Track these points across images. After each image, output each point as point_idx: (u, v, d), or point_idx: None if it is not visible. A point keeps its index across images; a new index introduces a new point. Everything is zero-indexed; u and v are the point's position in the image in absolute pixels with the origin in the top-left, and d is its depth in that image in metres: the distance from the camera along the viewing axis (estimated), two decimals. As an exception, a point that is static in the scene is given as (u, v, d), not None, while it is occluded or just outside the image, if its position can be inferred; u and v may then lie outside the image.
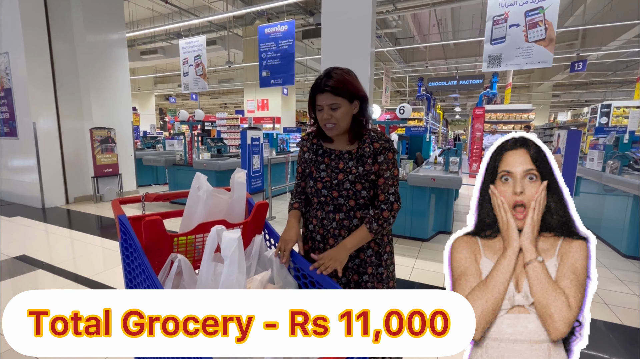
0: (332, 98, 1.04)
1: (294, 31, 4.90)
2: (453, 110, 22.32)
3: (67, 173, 5.06)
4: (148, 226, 0.97)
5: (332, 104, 1.05)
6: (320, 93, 1.05)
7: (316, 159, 1.15)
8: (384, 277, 1.18)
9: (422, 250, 3.28)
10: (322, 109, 1.07)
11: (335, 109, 1.05)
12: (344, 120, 1.07)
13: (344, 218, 1.11)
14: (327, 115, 1.06)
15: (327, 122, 1.06)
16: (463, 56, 12.08)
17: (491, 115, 9.31)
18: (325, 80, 1.05)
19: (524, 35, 3.58)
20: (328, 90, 1.04)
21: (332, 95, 1.04)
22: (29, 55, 4.50)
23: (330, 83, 1.04)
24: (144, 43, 10.66)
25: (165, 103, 22.05)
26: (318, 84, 1.06)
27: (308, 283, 1.03)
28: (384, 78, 8.60)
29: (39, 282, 2.49)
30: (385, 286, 1.20)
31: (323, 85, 1.04)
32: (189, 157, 4.98)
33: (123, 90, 5.56)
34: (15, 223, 4.03)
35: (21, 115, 4.72)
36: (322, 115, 1.07)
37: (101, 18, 5.15)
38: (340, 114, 1.06)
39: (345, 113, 1.07)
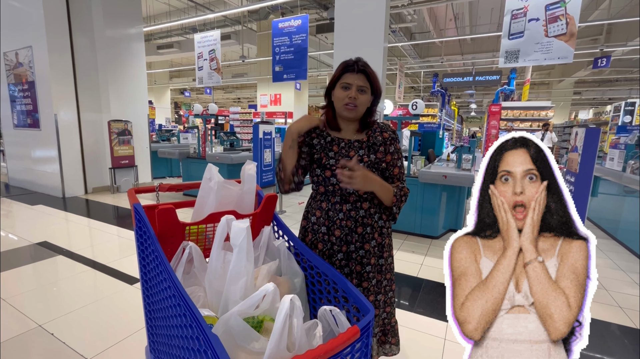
0: (364, 81, 1.07)
1: (307, 26, 4.89)
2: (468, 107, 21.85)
3: (86, 164, 5.24)
4: (161, 214, 1.00)
5: (362, 86, 1.07)
6: (352, 72, 1.07)
7: (325, 145, 1.15)
8: (383, 269, 1.21)
9: (432, 247, 3.26)
10: (349, 88, 1.08)
11: (362, 92, 1.08)
12: (364, 106, 1.11)
13: (351, 208, 1.13)
14: (355, 94, 1.07)
15: (352, 101, 1.07)
16: (480, 52, 11.79)
17: (508, 112, 9.07)
18: (359, 62, 1.08)
19: (544, 29, 3.47)
20: (362, 72, 1.07)
21: (364, 77, 1.08)
22: (51, 50, 4.66)
23: (366, 67, 1.08)
24: (160, 37, 10.83)
25: (180, 97, 22.40)
26: (352, 64, 1.08)
27: (315, 274, 1.05)
28: (398, 74, 8.49)
29: (59, 267, 2.60)
30: (384, 277, 1.22)
31: (359, 65, 1.07)
32: (202, 150, 5.07)
33: (140, 84, 5.69)
34: (37, 211, 4.21)
35: (43, 107, 4.90)
36: (347, 93, 1.07)
37: (120, 13, 5.26)
38: (364, 99, 1.09)
39: (367, 101, 1.11)
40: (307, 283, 1.09)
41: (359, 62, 1.08)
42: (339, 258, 1.15)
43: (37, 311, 1.96)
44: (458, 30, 10.48)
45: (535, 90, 19.33)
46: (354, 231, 1.14)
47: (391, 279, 1.27)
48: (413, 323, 1.96)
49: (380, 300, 1.23)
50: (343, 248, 1.15)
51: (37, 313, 1.94)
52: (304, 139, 1.18)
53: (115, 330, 1.80)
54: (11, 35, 5.07)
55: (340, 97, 1.09)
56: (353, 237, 1.14)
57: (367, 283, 1.17)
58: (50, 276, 2.45)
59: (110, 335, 1.76)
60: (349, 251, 1.15)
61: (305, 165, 1.21)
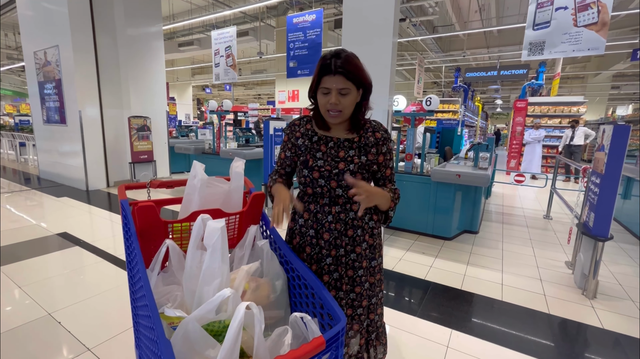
0: (344, 82, 0.95)
1: (321, 20, 4.82)
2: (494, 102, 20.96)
3: (108, 158, 5.45)
4: (141, 212, 1.00)
5: (342, 89, 0.95)
6: (329, 75, 0.95)
7: (311, 146, 1.08)
8: (376, 270, 1.16)
9: (444, 249, 3.14)
10: (328, 93, 0.97)
11: (344, 95, 0.97)
12: (350, 108, 1.01)
13: (341, 211, 1.07)
14: (335, 100, 0.96)
15: (334, 108, 0.98)
16: (507, 44, 11.23)
17: (535, 108, 8.60)
18: (336, 61, 0.94)
19: (573, 19, 3.23)
20: (341, 73, 0.94)
21: (344, 79, 0.94)
22: (76, 48, 4.86)
23: (344, 65, 0.94)
24: (183, 35, 11.09)
25: (202, 94, 22.93)
26: (328, 65, 0.95)
27: (296, 277, 1.01)
28: (417, 69, 8.24)
29: (74, 258, 2.71)
30: (375, 278, 1.17)
31: (335, 66, 0.94)
32: (217, 146, 5.15)
33: (159, 81, 5.84)
34: (62, 202, 4.43)
35: (69, 104, 5.13)
36: (328, 99, 0.97)
37: (140, 12, 5.41)
38: (348, 101, 0.98)
39: (352, 101, 1.00)
40: (289, 286, 1.06)
41: (336, 61, 0.94)
42: (327, 262, 1.10)
43: (49, 300, 2.05)
44: (483, 22, 10.01)
45: (569, 85, 18.24)
46: (344, 234, 1.09)
47: (380, 279, 1.21)
48: (415, 328, 1.88)
49: (374, 303, 1.18)
50: (332, 252, 1.10)
51: (48, 302, 2.02)
52: (289, 139, 1.13)
53: (119, 321, 1.85)
54: (40, 35, 5.34)
55: (322, 103, 1.00)
56: (343, 241, 1.09)
57: (360, 287, 1.12)
58: (65, 266, 2.56)
59: (113, 326, 1.81)
60: (338, 255, 1.10)
61: (292, 171, 1.18)
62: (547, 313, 2.09)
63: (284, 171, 1.16)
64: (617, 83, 16.15)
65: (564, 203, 3.84)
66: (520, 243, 3.37)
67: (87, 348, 1.63)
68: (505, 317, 2.03)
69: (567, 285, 2.49)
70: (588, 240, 2.34)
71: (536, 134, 7.73)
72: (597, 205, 2.24)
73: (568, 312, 2.11)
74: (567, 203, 3.59)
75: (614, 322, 2.01)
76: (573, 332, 1.93)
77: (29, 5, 5.44)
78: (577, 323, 2.00)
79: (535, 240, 3.51)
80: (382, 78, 2.64)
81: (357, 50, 1.06)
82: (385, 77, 2.67)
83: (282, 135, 4.00)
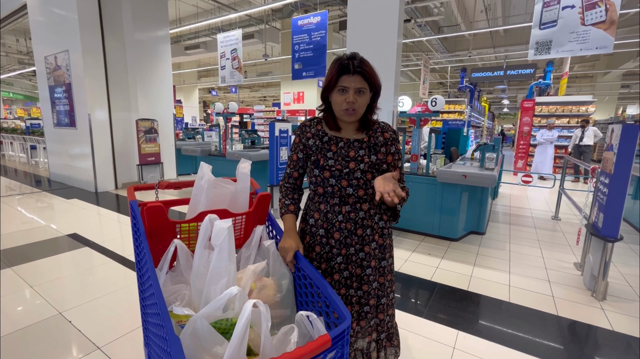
0: (362, 82, 1.00)
1: (326, 22, 4.84)
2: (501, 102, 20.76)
3: (116, 160, 5.53)
4: (150, 212, 1.02)
5: (360, 88, 1.01)
6: (348, 74, 0.99)
7: (322, 146, 1.10)
8: (386, 271, 1.17)
9: (450, 250, 3.12)
10: (346, 91, 1.01)
11: (360, 94, 1.02)
12: (364, 107, 1.05)
13: (351, 210, 1.09)
14: (353, 98, 1.00)
15: (351, 106, 1.01)
16: (513, 44, 11.13)
17: (542, 108, 8.51)
18: (354, 62, 1.00)
19: (580, 17, 3.20)
20: (359, 72, 0.99)
21: (361, 78, 1.00)
22: (85, 53, 4.95)
23: (362, 66, 1.00)
24: (189, 39, 11.21)
25: (208, 96, 23.13)
26: (346, 65, 1.00)
27: (301, 276, 1.02)
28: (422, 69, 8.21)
29: (84, 258, 2.76)
30: (385, 279, 1.17)
31: (354, 66, 0.99)
32: (223, 148, 5.19)
33: (166, 84, 5.91)
34: (71, 204, 4.50)
35: (79, 107, 5.22)
36: (345, 98, 1.01)
37: (148, 16, 5.49)
38: (363, 101, 1.03)
39: (366, 101, 1.05)
40: (295, 285, 1.07)
41: (354, 62, 1.00)
42: (338, 261, 1.12)
43: (59, 299, 2.09)
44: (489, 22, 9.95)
45: (577, 84, 18.00)
46: (354, 233, 1.10)
47: (392, 280, 1.22)
48: (422, 330, 1.87)
49: (384, 304, 1.18)
50: (342, 251, 1.11)
51: (59, 301, 2.06)
52: (300, 140, 1.15)
53: (128, 320, 1.88)
54: (51, 40, 5.45)
55: (338, 101, 1.03)
56: (353, 239, 1.11)
57: (367, 286, 1.13)
58: (75, 266, 2.61)
59: (122, 325, 1.83)
60: (348, 254, 1.11)
61: (304, 172, 1.19)
62: (556, 314, 2.07)
63: (297, 173, 1.18)
64: (627, 82, 15.89)
65: (572, 204, 3.79)
66: (528, 244, 3.33)
67: (97, 347, 1.65)
68: (513, 319, 2.02)
69: (576, 286, 2.46)
70: (597, 241, 2.31)
71: (549, 135, 7.61)
72: (607, 205, 2.21)
73: (577, 314, 2.08)
74: (575, 203, 3.54)
75: (624, 324, 1.98)
76: (582, 334, 1.91)
77: (40, 11, 5.56)
78: (587, 325, 1.97)
79: (543, 241, 3.47)
80: (387, 79, 2.65)
81: (361, 52, 1.07)
82: (390, 78, 2.68)
83: (287, 137, 4.03)
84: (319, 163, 1.09)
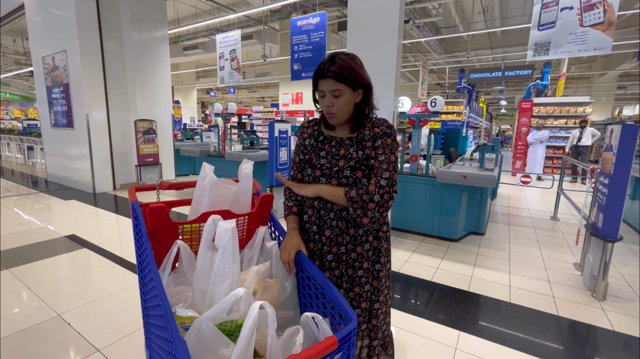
0: (334, 84, 1.00)
1: (325, 23, 4.84)
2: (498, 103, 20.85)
3: (115, 161, 5.50)
4: (152, 213, 1.01)
5: (334, 91, 1.01)
6: (322, 79, 1.01)
7: (316, 146, 1.12)
8: (380, 274, 1.15)
9: (450, 250, 3.12)
10: (324, 96, 1.03)
11: (337, 96, 1.02)
12: (346, 108, 1.04)
13: (342, 208, 1.08)
14: (329, 102, 1.02)
15: (328, 109, 1.03)
16: (512, 45, 11.18)
17: (540, 109, 8.55)
18: (328, 65, 1.00)
19: (578, 19, 3.22)
20: (330, 76, 0.99)
21: (334, 81, 1.00)
22: (83, 53, 4.92)
23: (333, 68, 0.99)
24: (187, 39, 11.19)
25: (206, 97, 23.07)
26: (321, 69, 1.01)
27: (305, 277, 1.01)
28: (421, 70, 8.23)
29: (83, 260, 2.74)
30: (381, 283, 1.16)
31: (326, 70, 0.99)
32: (221, 149, 5.17)
33: (164, 84, 5.89)
34: (69, 205, 4.47)
35: (77, 108, 5.20)
36: (323, 102, 1.04)
37: (146, 17, 5.47)
38: (342, 102, 1.02)
39: (347, 102, 1.03)
40: (299, 286, 1.06)
41: (327, 66, 0.99)
42: (328, 259, 1.12)
43: (58, 301, 2.07)
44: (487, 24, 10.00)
45: (574, 85, 18.10)
46: (346, 232, 1.10)
47: (388, 286, 1.21)
48: (423, 330, 1.87)
49: (377, 309, 1.16)
50: (333, 249, 1.11)
51: (57, 303, 2.04)
52: (300, 141, 1.17)
53: (127, 323, 1.86)
54: (48, 40, 5.42)
55: (321, 105, 1.06)
56: (344, 239, 1.10)
57: (359, 288, 1.12)
58: (74, 268, 2.59)
59: (122, 327, 1.82)
60: (339, 252, 1.11)
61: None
62: (556, 314, 2.07)
63: (301, 174, 1.18)
64: (623, 83, 16.00)
65: (571, 204, 3.81)
66: (528, 245, 3.34)
67: (96, 349, 1.64)
68: (514, 319, 2.02)
69: (575, 286, 2.46)
70: (597, 241, 2.32)
71: (539, 135, 7.67)
72: (606, 205, 2.22)
73: (577, 314, 2.08)
74: (574, 204, 3.56)
75: (624, 324, 1.98)
76: (583, 334, 1.91)
77: (38, 11, 5.53)
78: (587, 325, 1.98)
79: (542, 241, 3.47)
80: (387, 80, 2.65)
81: (361, 53, 1.08)
82: (391, 79, 2.68)
83: (287, 138, 4.01)
84: (312, 161, 1.11)
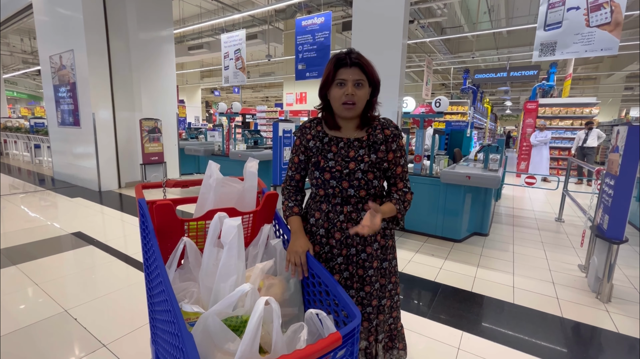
0: (359, 74, 0.99)
1: (330, 23, 4.85)
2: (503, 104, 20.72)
3: (120, 160, 5.55)
4: (159, 210, 1.02)
5: (358, 80, 0.99)
6: (345, 67, 0.99)
7: (323, 147, 1.09)
8: (387, 272, 1.16)
9: (453, 251, 3.11)
10: (344, 84, 1.00)
11: (359, 87, 1.00)
12: (363, 101, 1.04)
13: (352, 210, 1.08)
14: (352, 90, 0.99)
15: (350, 98, 1.00)
16: (517, 45, 11.12)
17: (546, 109, 8.49)
18: (351, 55, 1.00)
19: (585, 19, 3.20)
20: (357, 65, 0.99)
21: (359, 70, 0.99)
22: (90, 53, 4.97)
23: (359, 59, 0.99)
24: (192, 39, 11.25)
25: (211, 97, 23.18)
26: (343, 58, 1.00)
27: (310, 276, 1.02)
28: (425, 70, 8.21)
29: (89, 257, 2.77)
30: (388, 280, 1.16)
31: (352, 59, 0.99)
32: (226, 148, 5.20)
33: (169, 84, 5.94)
34: (75, 203, 4.52)
35: (83, 106, 5.25)
36: (343, 91, 0.99)
37: (152, 16, 5.51)
38: (362, 93, 1.02)
39: (366, 94, 1.03)
40: (302, 284, 1.07)
41: (351, 54, 1.00)
42: (338, 261, 1.11)
43: (65, 297, 2.10)
44: (493, 24, 9.94)
45: (580, 86, 17.95)
46: (356, 234, 1.09)
47: (396, 282, 1.22)
48: (426, 330, 1.87)
49: (385, 305, 1.18)
50: (343, 252, 1.11)
51: (64, 299, 2.07)
52: (300, 142, 1.14)
53: (133, 318, 1.89)
54: (56, 40, 5.48)
55: (337, 96, 1.02)
56: (354, 240, 1.10)
57: (370, 287, 1.12)
58: (80, 264, 2.62)
59: (127, 323, 1.84)
60: (349, 254, 1.11)
61: (307, 174, 1.18)
62: (560, 316, 2.06)
63: (300, 175, 1.17)
64: (630, 84, 15.83)
65: (576, 206, 3.78)
66: (532, 246, 3.32)
67: (102, 344, 1.66)
68: (517, 320, 2.01)
69: (580, 288, 2.45)
70: (602, 243, 2.30)
71: (542, 136, 7.61)
72: (612, 207, 2.20)
73: (582, 316, 2.07)
74: (580, 205, 3.53)
75: (629, 326, 1.97)
76: (587, 336, 1.90)
77: (45, 11, 5.60)
78: (591, 327, 1.96)
79: (547, 242, 3.46)
80: (392, 80, 2.65)
81: (366, 53, 1.07)
82: (395, 79, 2.68)
83: (291, 137, 4.03)
84: (319, 164, 1.08)
